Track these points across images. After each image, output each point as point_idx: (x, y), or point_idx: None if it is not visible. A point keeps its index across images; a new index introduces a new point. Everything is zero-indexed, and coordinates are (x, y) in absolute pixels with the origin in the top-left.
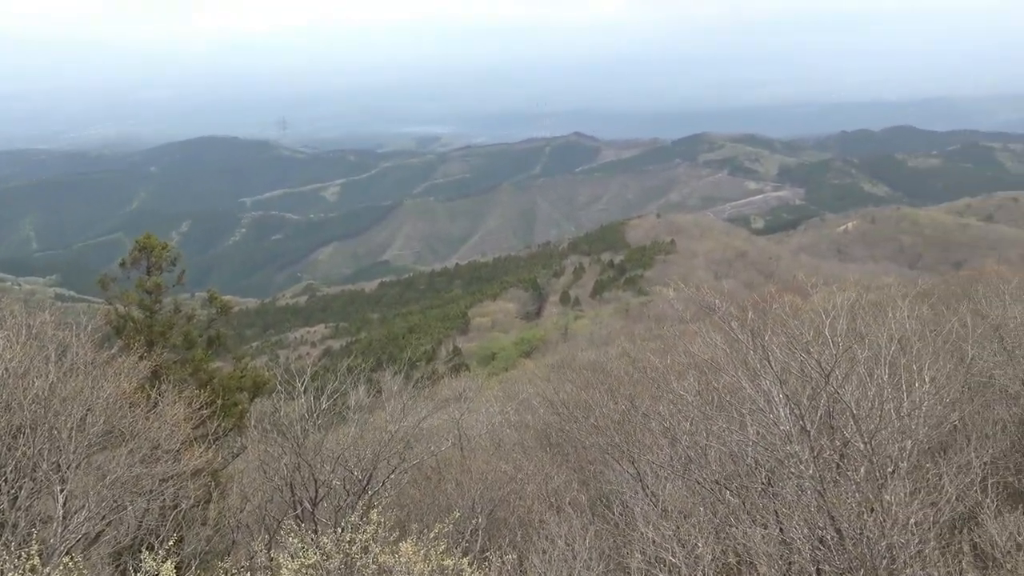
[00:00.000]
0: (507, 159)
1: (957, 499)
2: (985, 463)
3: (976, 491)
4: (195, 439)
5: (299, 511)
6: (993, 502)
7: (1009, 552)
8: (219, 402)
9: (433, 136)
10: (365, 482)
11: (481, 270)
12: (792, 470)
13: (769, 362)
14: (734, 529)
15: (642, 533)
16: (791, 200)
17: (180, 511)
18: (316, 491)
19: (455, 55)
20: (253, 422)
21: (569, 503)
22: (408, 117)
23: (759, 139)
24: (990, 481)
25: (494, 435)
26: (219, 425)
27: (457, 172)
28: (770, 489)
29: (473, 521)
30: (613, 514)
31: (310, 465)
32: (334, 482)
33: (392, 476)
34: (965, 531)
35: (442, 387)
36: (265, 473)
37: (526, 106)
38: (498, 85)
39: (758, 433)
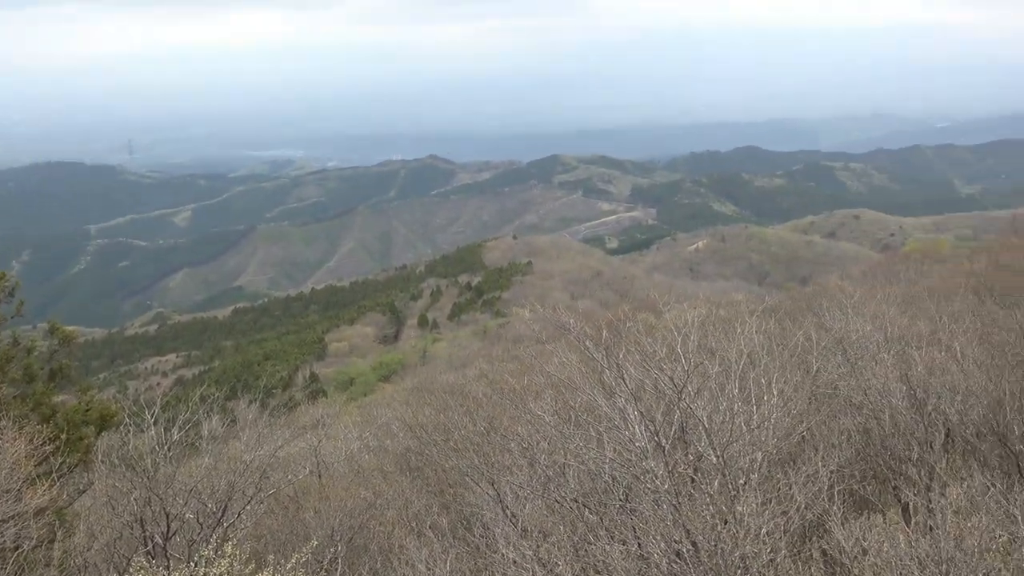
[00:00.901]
0: (362, 182)
1: (806, 508)
2: (832, 471)
3: (823, 499)
4: (38, 476)
5: (150, 547)
6: (839, 509)
7: (856, 557)
8: (63, 437)
9: (286, 160)
10: (220, 514)
11: (338, 294)
12: (648, 485)
13: (623, 380)
14: (593, 546)
15: (503, 554)
16: (644, 220)
17: (22, 553)
18: (168, 525)
19: (307, 78)
20: (100, 456)
21: (430, 527)
22: (260, 141)
23: (612, 160)
24: (836, 489)
25: (353, 461)
26: (64, 461)
27: (311, 196)
28: (628, 505)
29: (332, 549)
30: (474, 536)
31: (161, 499)
32: (187, 515)
33: (248, 507)
34: (815, 538)
35: (299, 414)
36: (114, 509)
37: (380, 129)
38: (351, 108)
39: (615, 450)
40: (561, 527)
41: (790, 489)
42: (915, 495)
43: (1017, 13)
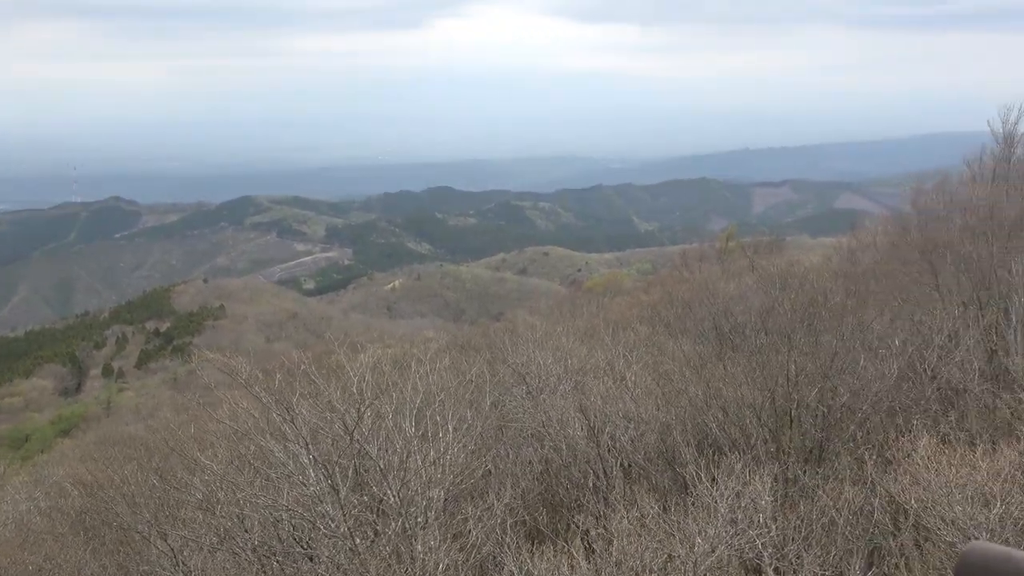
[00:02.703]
0: (37, 226)
1: (484, 541)
2: (509, 504)
3: (498, 532)
4: None
5: None
6: (514, 541)
7: None
8: None
9: None
10: None
11: (11, 345)
12: (326, 531)
13: (295, 424)
14: None
15: None
16: (340, 260)
17: None
18: None
19: None
20: None
21: None
22: None
23: (306, 201)
24: (513, 521)
25: (22, 525)
26: None
27: None
28: (310, 551)
29: None
30: None
31: None
32: None
33: None
34: (497, 572)
35: None
36: None
37: (56, 169)
38: (25, 148)
39: (293, 497)
40: None
41: (469, 524)
42: (593, 523)
43: (668, 67)
